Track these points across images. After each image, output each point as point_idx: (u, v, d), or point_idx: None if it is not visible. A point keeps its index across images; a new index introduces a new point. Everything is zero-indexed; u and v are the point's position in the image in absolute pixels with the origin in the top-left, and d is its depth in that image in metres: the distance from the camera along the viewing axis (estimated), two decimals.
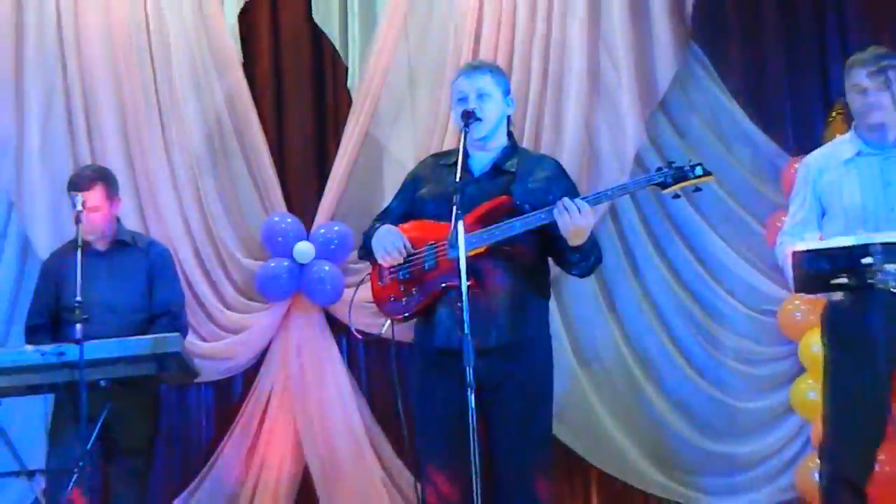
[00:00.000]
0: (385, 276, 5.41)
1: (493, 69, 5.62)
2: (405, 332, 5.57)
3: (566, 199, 5.13)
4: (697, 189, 5.25)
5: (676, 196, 5.28)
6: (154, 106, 7.68)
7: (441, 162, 5.58)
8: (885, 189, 5.48)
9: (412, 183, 5.65)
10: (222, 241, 7.60)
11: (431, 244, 5.27)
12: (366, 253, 5.54)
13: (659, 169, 5.28)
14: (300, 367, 7.49)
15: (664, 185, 5.20)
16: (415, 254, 5.31)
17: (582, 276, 5.59)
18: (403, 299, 5.36)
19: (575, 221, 5.06)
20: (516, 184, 5.37)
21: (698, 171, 5.16)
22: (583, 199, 5.13)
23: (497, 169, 5.42)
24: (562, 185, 5.46)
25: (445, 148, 5.95)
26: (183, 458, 7.58)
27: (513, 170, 5.42)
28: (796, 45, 7.56)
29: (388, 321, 5.50)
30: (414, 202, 5.56)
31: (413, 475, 7.08)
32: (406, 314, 5.38)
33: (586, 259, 5.35)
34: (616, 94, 7.49)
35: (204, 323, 7.42)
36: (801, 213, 5.79)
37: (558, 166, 5.66)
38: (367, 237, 5.51)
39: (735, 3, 7.61)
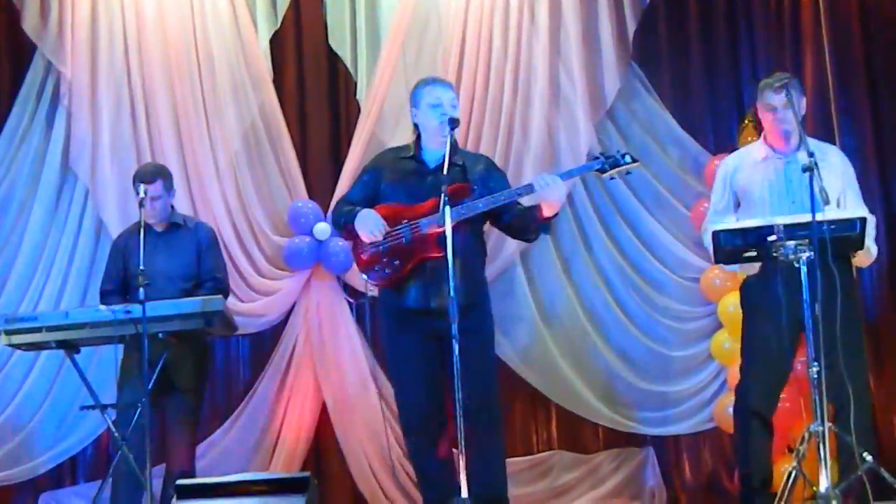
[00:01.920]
0: (366, 249, 5.44)
1: (454, 86, 5.73)
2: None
3: (545, 175, 5.27)
4: (628, 173, 5.36)
5: (612, 178, 5.44)
6: (202, 111, 7.64)
7: (399, 155, 5.67)
8: (788, 185, 5.54)
9: (373, 172, 5.70)
10: (256, 221, 7.58)
11: (405, 223, 5.32)
12: (345, 231, 5.59)
13: (596, 158, 5.44)
14: (319, 322, 7.48)
15: (602, 171, 5.31)
16: (391, 231, 5.35)
17: (533, 241, 5.88)
18: (386, 269, 5.40)
19: (557, 192, 5.20)
20: (467, 173, 5.49)
21: (627, 158, 5.38)
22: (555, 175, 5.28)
23: (449, 163, 5.40)
24: (496, 175, 5.64)
25: None
26: (226, 395, 7.57)
27: (460, 163, 5.52)
28: (716, 66, 7.59)
29: (374, 287, 5.59)
30: (376, 189, 5.60)
31: None
32: (388, 280, 5.43)
33: (546, 228, 5.49)
34: (572, 104, 7.49)
35: (241, 286, 7.39)
36: (721, 205, 5.87)
37: (490, 161, 5.84)
38: (345, 218, 5.55)
39: (667, 31, 7.64)
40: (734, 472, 6.92)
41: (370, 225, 5.40)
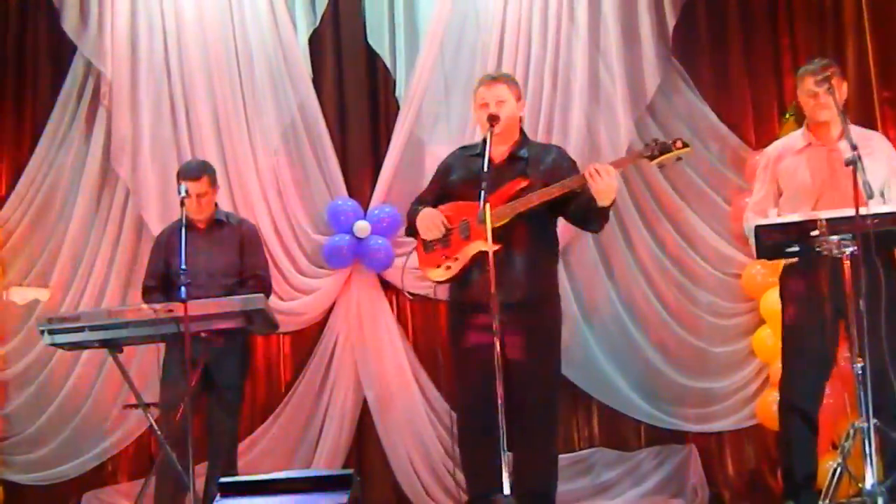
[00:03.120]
0: (429, 248, 5.49)
1: (508, 79, 5.72)
2: (443, 292, 5.70)
3: (595, 165, 5.22)
4: (679, 159, 5.31)
5: (662, 165, 5.42)
6: (241, 110, 7.68)
7: (468, 153, 5.69)
8: (831, 174, 5.48)
9: (444, 170, 5.76)
10: (296, 219, 7.61)
11: (464, 220, 5.35)
12: (412, 231, 5.61)
13: (647, 145, 5.41)
14: (359, 320, 7.49)
15: (652, 157, 5.27)
16: (452, 229, 5.39)
17: (598, 232, 5.74)
18: (447, 265, 5.43)
19: (607, 182, 5.13)
20: (529, 167, 5.49)
21: (679, 144, 5.25)
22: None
23: (512, 157, 5.53)
24: (566, 165, 5.59)
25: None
26: (268, 392, 7.60)
27: (525, 156, 5.54)
28: (756, 59, 7.55)
29: (434, 284, 5.60)
30: (446, 186, 5.66)
31: (448, 404, 7.17)
32: (450, 276, 5.45)
33: (606, 218, 5.44)
34: (612, 100, 7.47)
35: (282, 285, 7.41)
36: (762, 193, 5.85)
37: (561, 150, 5.82)
38: (411, 217, 5.62)
39: (707, 25, 7.60)
40: (777, 469, 6.88)
41: (427, 223, 5.48)
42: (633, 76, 7.48)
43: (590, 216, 5.42)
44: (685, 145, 5.31)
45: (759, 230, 5.30)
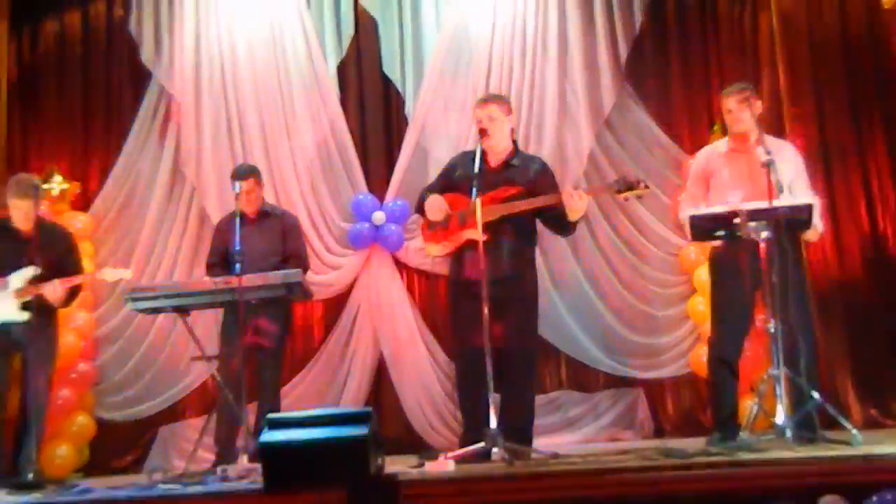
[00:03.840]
0: (432, 227, 5.52)
1: (497, 99, 5.79)
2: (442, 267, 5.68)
3: (573, 190, 5.36)
4: (639, 197, 5.36)
5: (626, 199, 5.54)
6: (283, 123, 7.66)
7: (468, 157, 5.65)
8: (749, 173, 5.47)
9: (450, 167, 5.82)
10: (326, 210, 7.60)
11: (464, 210, 5.41)
12: (420, 210, 5.64)
13: (616, 181, 5.47)
14: (377, 291, 7.48)
15: (619, 191, 5.28)
16: (452, 215, 5.40)
17: (567, 237, 5.98)
18: (443, 243, 5.45)
19: (579, 203, 5.27)
20: (518, 173, 5.53)
21: (641, 185, 5.32)
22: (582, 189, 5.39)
23: (506, 164, 5.58)
24: (546, 176, 5.62)
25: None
26: (304, 348, 7.57)
27: (517, 165, 5.58)
28: (691, 83, 7.54)
29: (432, 258, 5.65)
30: (451, 180, 5.70)
31: (448, 357, 7.18)
32: (445, 252, 5.54)
33: (574, 229, 5.61)
34: (576, 116, 7.46)
35: (315, 262, 7.37)
36: (693, 190, 5.85)
37: (544, 163, 5.84)
38: (421, 199, 5.67)
39: (652, 56, 7.59)
40: (707, 407, 6.89)
41: (432, 207, 5.53)
42: (594, 97, 7.47)
43: (562, 225, 5.51)
44: (646, 187, 5.38)
45: (693, 219, 5.32)
